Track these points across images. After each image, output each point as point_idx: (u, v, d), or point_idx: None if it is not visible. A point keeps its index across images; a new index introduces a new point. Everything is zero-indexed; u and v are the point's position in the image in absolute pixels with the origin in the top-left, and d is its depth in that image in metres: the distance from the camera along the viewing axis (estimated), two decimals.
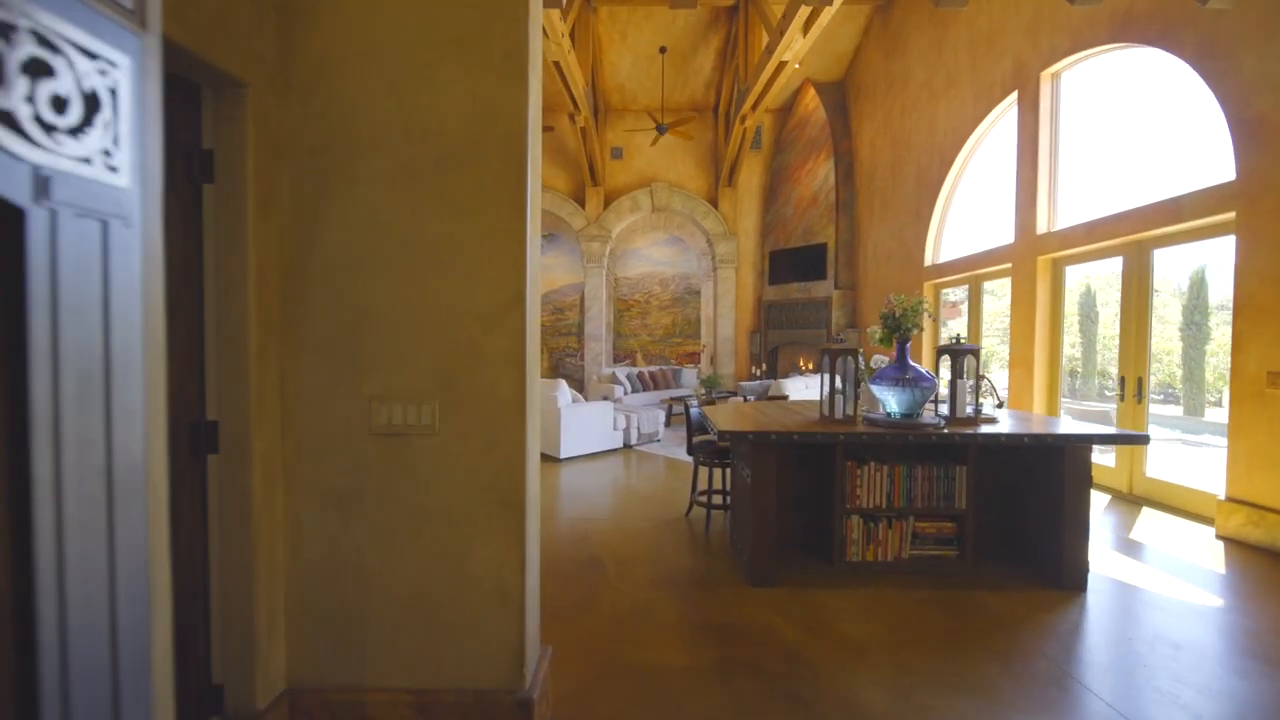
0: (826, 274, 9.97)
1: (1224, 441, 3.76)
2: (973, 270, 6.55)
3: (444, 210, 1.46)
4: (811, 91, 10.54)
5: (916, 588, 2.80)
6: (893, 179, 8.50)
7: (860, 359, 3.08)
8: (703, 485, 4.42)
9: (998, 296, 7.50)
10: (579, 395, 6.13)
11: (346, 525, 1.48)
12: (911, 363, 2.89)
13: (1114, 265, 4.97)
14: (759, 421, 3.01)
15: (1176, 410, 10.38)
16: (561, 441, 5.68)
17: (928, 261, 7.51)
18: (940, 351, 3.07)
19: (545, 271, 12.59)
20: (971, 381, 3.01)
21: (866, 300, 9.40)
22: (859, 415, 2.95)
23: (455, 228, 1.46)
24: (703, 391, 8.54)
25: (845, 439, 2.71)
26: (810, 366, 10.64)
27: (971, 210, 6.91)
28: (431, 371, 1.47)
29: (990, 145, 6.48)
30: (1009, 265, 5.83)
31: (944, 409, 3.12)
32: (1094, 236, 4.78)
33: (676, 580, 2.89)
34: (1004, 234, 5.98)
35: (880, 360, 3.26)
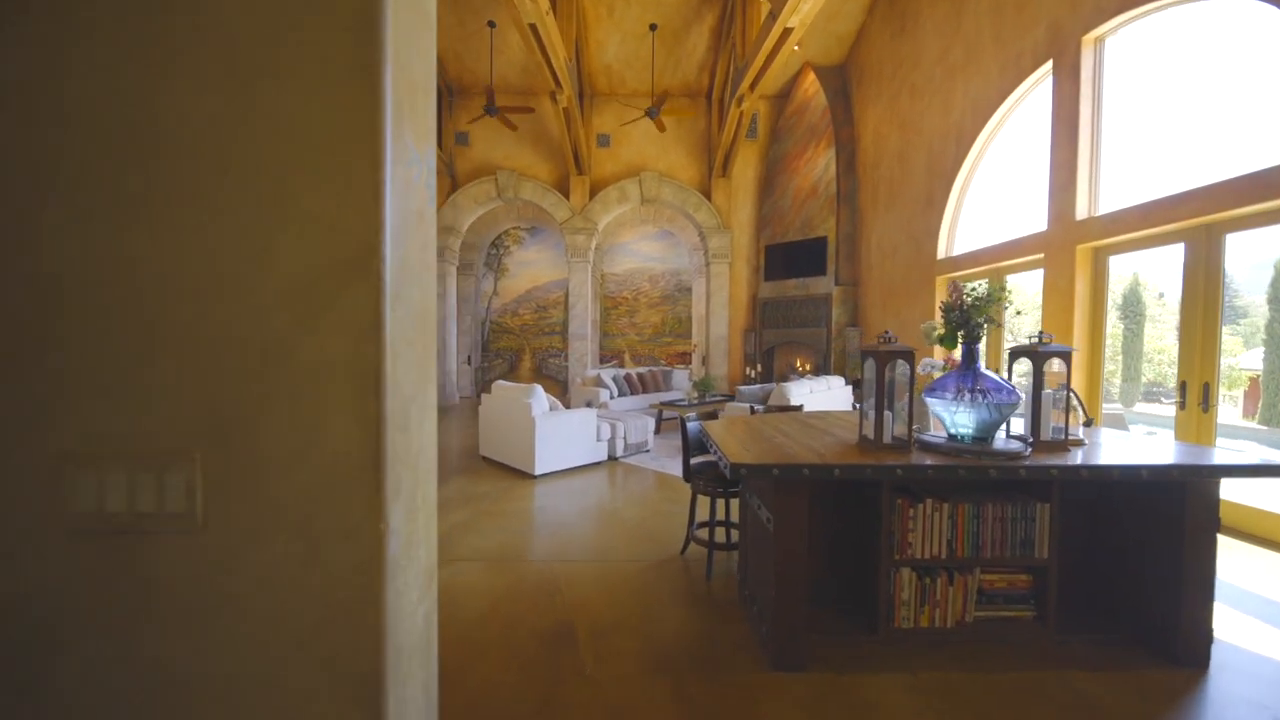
0: (826, 269, 9.33)
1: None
2: (995, 263, 5.92)
3: (212, 73, 0.71)
4: (811, 76, 9.89)
5: (992, 667, 2.11)
6: (900, 166, 7.86)
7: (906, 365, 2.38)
8: (702, 513, 3.71)
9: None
10: (557, 402, 5.38)
11: (16, 709, 0.73)
12: (985, 370, 2.20)
13: (1146, 258, 4.38)
14: (779, 446, 2.29)
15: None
16: (536, 455, 4.93)
17: (941, 254, 6.88)
18: (1014, 354, 2.39)
19: (527, 267, 11.82)
20: (1052, 392, 2.33)
21: (870, 297, 8.76)
22: (912, 438, 2.25)
23: (234, 110, 0.72)
24: (695, 395, 7.84)
25: (904, 473, 2.01)
26: (808, 368, 10.00)
27: (993, 197, 6.28)
28: (188, 404, 0.72)
29: (1016, 124, 5.85)
30: (1040, 256, 5.20)
31: (1015, 426, 2.44)
32: (1149, 221, 4.15)
33: (672, 659, 2.16)
34: (1034, 221, 5.35)
35: (930, 366, 2.57)
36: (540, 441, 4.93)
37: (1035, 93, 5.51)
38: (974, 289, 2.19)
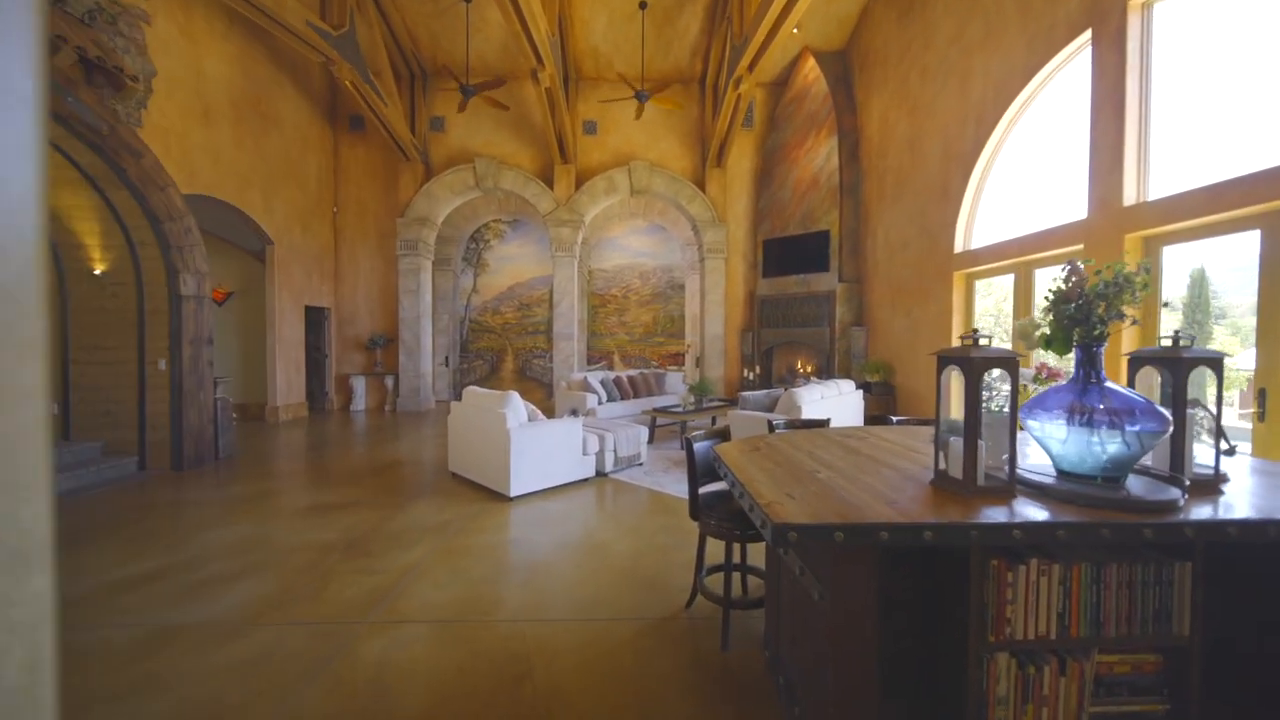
0: (829, 265, 8.78)
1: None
2: (1022, 256, 5.38)
3: None
4: (810, 61, 9.35)
5: None
6: (911, 154, 7.33)
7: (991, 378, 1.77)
8: (713, 553, 3.08)
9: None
10: (537, 411, 4.72)
11: None
12: (1113, 385, 1.60)
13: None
14: (830, 488, 1.68)
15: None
16: (511, 474, 4.26)
17: (958, 247, 6.34)
18: (1137, 361, 1.80)
19: (509, 263, 11.12)
20: (1192, 413, 1.74)
21: (876, 294, 8.22)
22: (1014, 476, 1.64)
23: None
24: (691, 400, 7.22)
25: (1024, 535, 1.40)
26: (809, 369, 9.45)
27: (1020, 184, 5.75)
28: None
29: (1046, 103, 5.32)
30: (1079, 247, 4.66)
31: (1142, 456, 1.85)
32: (1216, 205, 3.62)
33: None
34: (1070, 209, 4.82)
35: (1019, 379, 1.96)
36: (516, 458, 4.27)
37: (1069, 69, 4.99)
38: (1100, 272, 1.59)
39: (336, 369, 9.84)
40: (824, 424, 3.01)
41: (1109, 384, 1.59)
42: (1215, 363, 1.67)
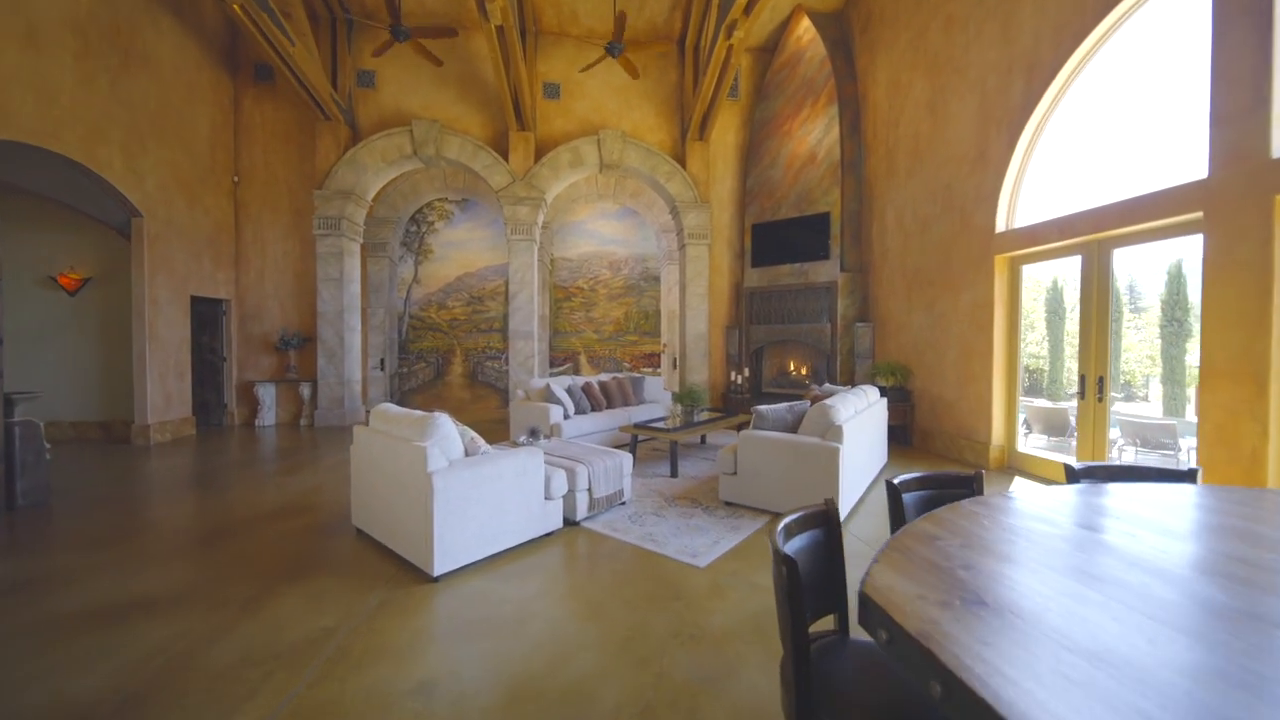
0: (830, 252, 7.64)
1: None
2: (1097, 233, 4.32)
3: None
4: (804, 22, 8.20)
5: None
6: (931, 119, 6.25)
7: None
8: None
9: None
10: (477, 440, 3.28)
11: None
12: None
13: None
14: None
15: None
16: (435, 542, 2.81)
17: (1001, 226, 5.27)
18: None
19: (458, 249, 9.52)
20: None
21: (887, 285, 7.12)
22: None
23: None
24: (679, 413, 5.91)
25: None
26: (804, 372, 8.30)
27: (1095, 144, 4.70)
28: None
29: (1129, 40, 4.27)
30: (1197, 215, 3.60)
31: None
32: None
33: None
34: (1175, 170, 3.77)
35: None
36: (444, 516, 2.82)
37: None
38: None
39: (238, 375, 8.01)
40: (972, 482, 1.73)
41: None
42: None
